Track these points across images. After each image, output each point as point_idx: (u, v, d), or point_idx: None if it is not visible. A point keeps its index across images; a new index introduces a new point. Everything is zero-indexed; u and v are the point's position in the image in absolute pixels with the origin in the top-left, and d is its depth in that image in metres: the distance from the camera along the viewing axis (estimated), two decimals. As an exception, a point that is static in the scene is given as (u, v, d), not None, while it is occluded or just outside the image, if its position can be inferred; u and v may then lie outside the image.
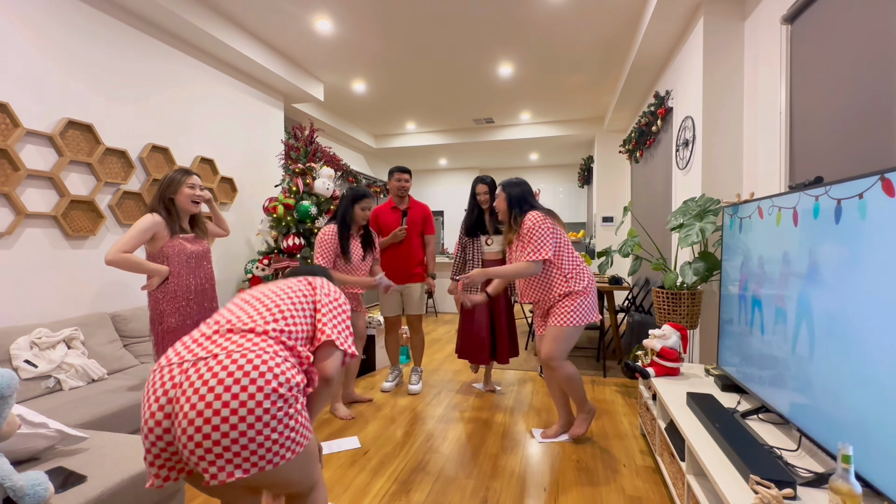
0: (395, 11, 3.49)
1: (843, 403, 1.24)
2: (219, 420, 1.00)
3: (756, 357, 1.79)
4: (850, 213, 1.22)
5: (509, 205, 2.36)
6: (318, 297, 1.37)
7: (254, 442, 1.02)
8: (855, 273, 1.19)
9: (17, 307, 2.40)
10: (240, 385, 1.03)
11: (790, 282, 1.52)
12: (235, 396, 1.02)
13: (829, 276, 1.30)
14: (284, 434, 1.07)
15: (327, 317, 1.32)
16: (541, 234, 2.20)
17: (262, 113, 4.37)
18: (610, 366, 4.01)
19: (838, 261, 1.26)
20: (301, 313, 1.29)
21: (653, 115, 4.02)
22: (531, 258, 2.20)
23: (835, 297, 1.27)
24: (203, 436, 1.00)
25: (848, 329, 1.22)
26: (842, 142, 1.83)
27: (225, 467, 1.01)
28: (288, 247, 3.48)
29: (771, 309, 1.66)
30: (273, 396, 1.05)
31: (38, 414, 1.48)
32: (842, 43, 1.85)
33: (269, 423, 1.04)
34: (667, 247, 3.58)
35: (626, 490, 2.05)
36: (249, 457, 1.03)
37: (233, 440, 1.01)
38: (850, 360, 1.21)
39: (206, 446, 1.00)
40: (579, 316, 2.29)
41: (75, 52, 2.69)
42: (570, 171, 9.42)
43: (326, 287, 1.42)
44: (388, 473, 2.21)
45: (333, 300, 1.39)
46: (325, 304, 1.35)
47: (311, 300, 1.35)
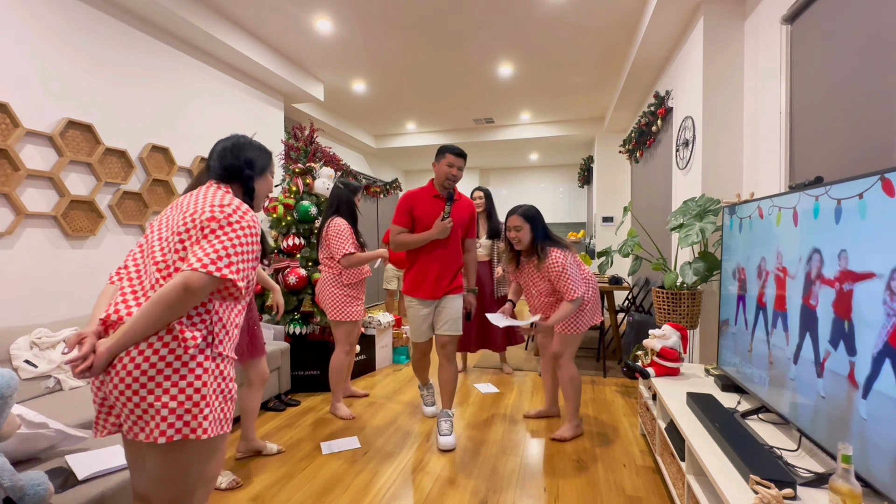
0: (396, 11, 3.49)
1: (843, 403, 1.24)
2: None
3: (756, 357, 1.79)
4: (850, 214, 1.22)
5: (535, 238, 2.47)
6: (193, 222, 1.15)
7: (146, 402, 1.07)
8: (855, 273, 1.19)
9: (17, 307, 2.40)
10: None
11: (790, 282, 1.52)
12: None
13: (829, 276, 1.30)
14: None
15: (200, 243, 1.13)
16: (569, 275, 2.39)
17: (262, 113, 4.37)
18: (610, 366, 4.01)
19: (838, 261, 1.26)
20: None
21: (653, 115, 4.02)
22: (572, 297, 2.39)
23: (835, 297, 1.27)
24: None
25: (848, 329, 1.21)
26: (842, 142, 1.83)
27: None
28: (288, 247, 3.48)
29: (771, 309, 1.66)
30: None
31: (38, 414, 1.48)
32: (842, 43, 1.85)
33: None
34: (667, 247, 3.58)
35: (626, 490, 2.05)
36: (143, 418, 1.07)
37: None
38: (850, 359, 1.21)
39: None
40: (584, 322, 2.51)
41: (75, 52, 2.69)
42: (570, 171, 9.42)
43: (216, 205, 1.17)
44: (388, 474, 2.21)
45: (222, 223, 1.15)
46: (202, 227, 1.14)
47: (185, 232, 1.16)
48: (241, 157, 1.33)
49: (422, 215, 2.45)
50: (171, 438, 1.05)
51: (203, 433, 1.08)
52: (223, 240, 1.12)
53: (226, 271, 1.09)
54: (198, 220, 1.15)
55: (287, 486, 2.09)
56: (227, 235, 1.13)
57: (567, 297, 2.39)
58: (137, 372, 1.04)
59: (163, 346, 1.05)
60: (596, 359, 4.20)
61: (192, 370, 1.07)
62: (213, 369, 1.12)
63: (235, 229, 1.15)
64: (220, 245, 1.11)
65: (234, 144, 1.35)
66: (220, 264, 1.09)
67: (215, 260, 1.08)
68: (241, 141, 1.37)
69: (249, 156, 1.35)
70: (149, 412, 1.05)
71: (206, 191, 1.25)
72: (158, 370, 1.05)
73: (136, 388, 1.05)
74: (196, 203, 1.19)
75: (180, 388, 1.06)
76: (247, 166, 1.33)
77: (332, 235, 2.80)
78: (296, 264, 3.43)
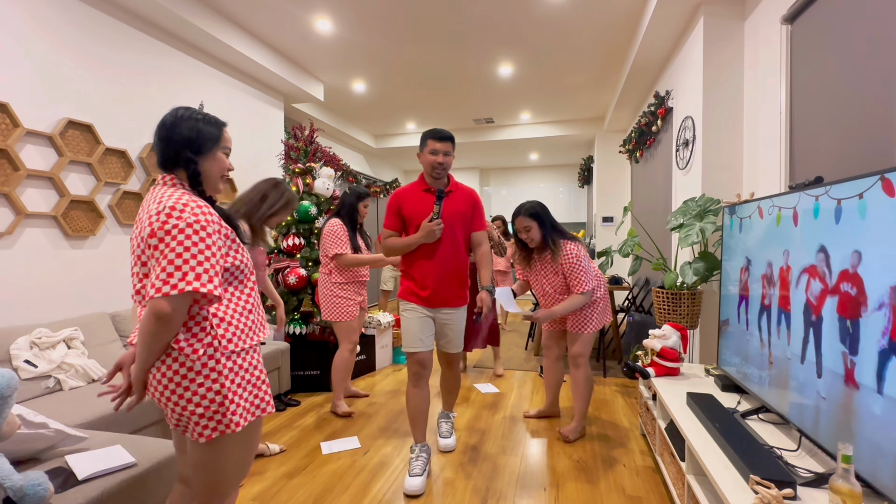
0: (396, 11, 3.49)
1: (843, 403, 1.24)
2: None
3: (756, 357, 1.79)
4: (850, 213, 1.22)
5: (545, 233, 2.47)
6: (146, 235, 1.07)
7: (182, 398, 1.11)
8: (855, 273, 1.19)
9: (17, 307, 2.40)
10: None
11: (790, 282, 1.52)
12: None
13: (829, 275, 1.30)
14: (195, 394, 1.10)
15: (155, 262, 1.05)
16: (582, 267, 2.40)
17: (262, 113, 4.37)
18: (610, 366, 4.01)
19: (838, 261, 1.26)
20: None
21: (653, 115, 4.02)
22: (582, 290, 2.39)
23: (835, 296, 1.27)
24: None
25: (849, 329, 1.21)
26: (842, 142, 1.83)
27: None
28: (288, 247, 3.48)
29: (771, 309, 1.66)
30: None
31: (38, 414, 1.48)
32: (842, 43, 1.85)
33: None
34: (667, 247, 3.58)
35: (626, 490, 2.05)
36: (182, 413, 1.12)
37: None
38: (852, 359, 1.21)
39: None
40: (598, 321, 2.53)
41: (76, 52, 2.68)
42: (570, 171, 9.42)
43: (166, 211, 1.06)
44: (388, 474, 2.21)
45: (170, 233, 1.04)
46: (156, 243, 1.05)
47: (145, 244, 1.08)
48: (176, 137, 1.15)
49: (412, 214, 2.13)
50: (210, 437, 1.11)
51: (236, 426, 1.12)
52: (167, 253, 1.03)
53: (182, 285, 1.01)
54: (145, 238, 1.08)
55: (287, 486, 2.09)
56: (169, 247, 1.03)
57: (577, 289, 2.39)
58: (161, 387, 1.10)
59: (172, 360, 1.09)
60: (596, 359, 4.20)
61: (206, 377, 1.10)
62: (231, 367, 1.13)
63: (176, 236, 1.03)
64: (165, 262, 1.03)
65: (164, 123, 1.16)
66: (174, 280, 1.01)
67: (166, 279, 1.01)
68: (176, 116, 1.17)
69: (186, 133, 1.15)
70: (184, 416, 1.11)
71: (149, 195, 1.14)
72: (176, 383, 1.09)
73: (165, 402, 1.11)
74: (141, 216, 1.11)
75: (201, 395, 1.09)
76: (186, 146, 1.15)
77: (325, 235, 2.86)
78: (296, 264, 3.43)
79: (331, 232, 2.83)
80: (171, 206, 1.05)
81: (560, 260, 2.42)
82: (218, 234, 1.10)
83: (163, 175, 1.16)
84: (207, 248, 1.06)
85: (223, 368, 1.11)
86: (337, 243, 2.81)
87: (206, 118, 1.20)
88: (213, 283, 1.06)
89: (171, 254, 1.03)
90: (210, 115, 1.22)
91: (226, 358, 1.12)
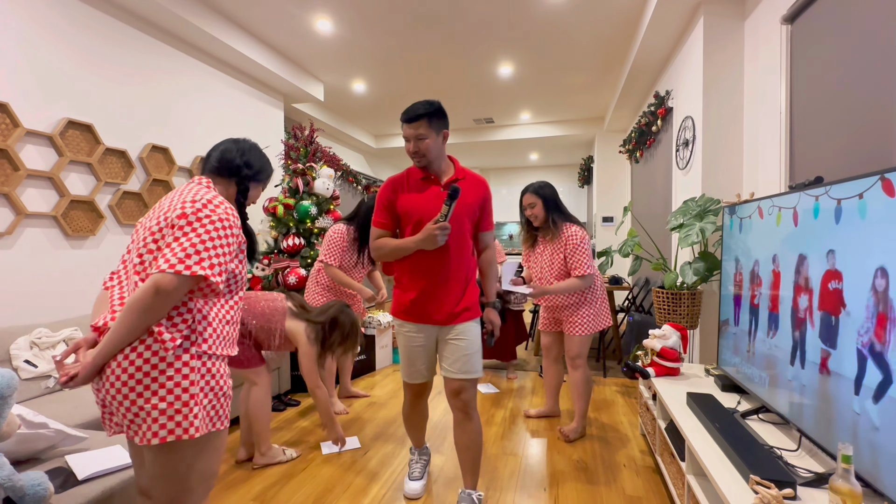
0: (396, 11, 3.49)
1: (843, 403, 1.24)
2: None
3: (756, 357, 1.79)
4: (850, 213, 1.22)
5: (547, 211, 2.47)
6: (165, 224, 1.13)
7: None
8: (855, 273, 1.19)
9: (17, 307, 2.40)
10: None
11: (790, 282, 1.52)
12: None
13: (829, 276, 1.30)
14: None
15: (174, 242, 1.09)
16: (585, 250, 2.37)
17: (262, 113, 4.37)
18: (610, 366, 4.01)
19: (838, 261, 1.26)
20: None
21: (653, 115, 4.02)
22: (583, 273, 2.36)
23: (835, 297, 1.27)
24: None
25: (847, 329, 1.21)
26: (842, 142, 1.83)
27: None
28: (288, 247, 3.48)
29: (771, 309, 1.66)
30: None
31: (38, 414, 1.48)
32: (842, 43, 1.85)
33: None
34: (667, 247, 3.58)
35: (626, 490, 2.05)
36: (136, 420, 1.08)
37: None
38: (850, 359, 1.20)
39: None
40: (594, 323, 2.50)
41: (76, 52, 2.68)
42: (570, 171, 9.42)
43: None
44: (388, 474, 2.21)
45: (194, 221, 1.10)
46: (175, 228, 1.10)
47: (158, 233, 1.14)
48: (245, 158, 1.32)
49: (409, 208, 1.71)
50: (165, 440, 1.06)
51: (195, 432, 1.08)
52: (192, 237, 1.07)
53: (196, 268, 1.04)
54: (170, 217, 1.12)
55: (287, 485, 2.09)
56: (195, 232, 1.08)
57: (577, 271, 2.37)
58: (125, 376, 1.05)
59: (145, 348, 1.05)
60: (596, 359, 4.20)
61: (178, 370, 1.07)
62: (199, 368, 1.10)
63: (205, 224, 1.10)
64: (188, 243, 1.06)
65: (244, 145, 1.34)
66: (190, 262, 1.04)
67: (183, 258, 1.04)
68: (251, 144, 1.37)
69: (252, 159, 1.34)
70: (140, 415, 1.06)
71: (184, 187, 1.21)
72: (144, 373, 1.05)
73: (126, 393, 1.05)
74: (172, 201, 1.17)
75: (168, 388, 1.06)
76: (246, 166, 1.32)
77: (325, 237, 2.84)
78: (296, 264, 3.43)
79: (330, 237, 2.80)
80: (209, 200, 1.15)
81: (563, 239, 2.42)
82: (235, 238, 1.17)
83: (201, 177, 1.26)
84: (227, 245, 1.13)
85: (195, 366, 1.09)
86: (329, 251, 2.77)
87: (268, 160, 1.41)
88: (221, 276, 1.10)
89: (195, 237, 1.08)
90: (269, 159, 1.42)
91: (198, 357, 1.11)
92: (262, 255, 3.70)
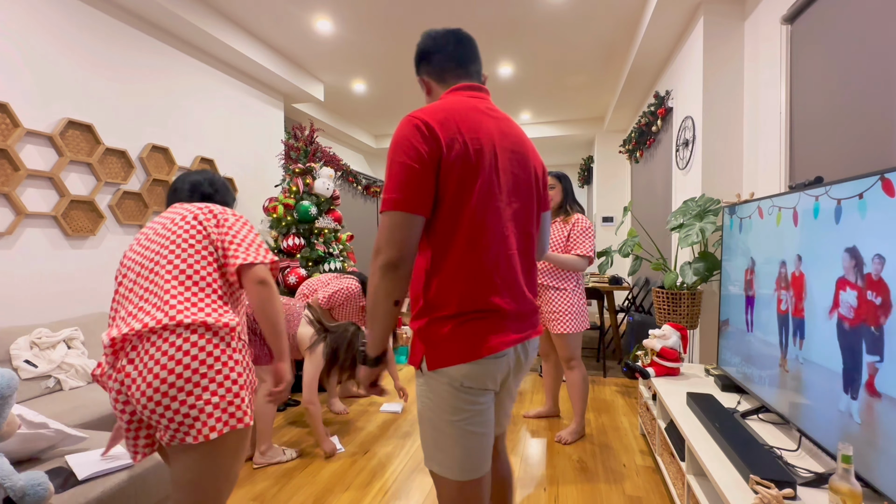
0: (396, 11, 3.49)
1: (843, 403, 1.24)
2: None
3: (756, 357, 1.79)
4: (850, 213, 1.22)
5: (565, 196, 2.59)
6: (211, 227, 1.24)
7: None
8: (855, 273, 1.19)
9: (17, 307, 2.40)
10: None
11: (790, 282, 1.52)
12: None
13: (829, 276, 1.30)
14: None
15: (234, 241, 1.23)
16: (590, 236, 2.48)
17: (262, 113, 4.37)
18: (610, 366, 4.01)
19: (838, 261, 1.26)
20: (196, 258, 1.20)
21: (653, 115, 4.02)
22: (585, 254, 2.45)
23: (835, 296, 1.27)
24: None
25: (847, 329, 1.21)
26: (842, 142, 1.83)
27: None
28: (288, 247, 3.48)
29: (771, 309, 1.66)
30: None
31: (38, 414, 1.48)
32: (842, 43, 1.85)
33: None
34: (667, 247, 3.58)
35: (626, 490, 2.05)
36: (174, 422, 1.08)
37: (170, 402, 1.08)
38: (850, 359, 1.20)
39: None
40: (573, 323, 2.49)
41: (76, 52, 2.68)
42: (570, 171, 9.41)
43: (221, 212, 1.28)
44: (388, 474, 2.21)
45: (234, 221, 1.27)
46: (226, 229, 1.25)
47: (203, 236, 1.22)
48: (213, 187, 1.43)
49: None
50: (222, 432, 1.06)
51: (249, 420, 1.11)
52: (242, 232, 1.23)
53: (270, 256, 1.22)
54: (201, 218, 1.22)
55: (287, 486, 2.09)
56: (241, 232, 1.23)
57: (579, 250, 2.45)
58: (173, 377, 1.03)
59: (199, 337, 1.07)
60: (596, 359, 4.20)
61: (228, 362, 1.10)
62: (243, 360, 1.15)
63: (243, 225, 1.26)
64: (248, 241, 1.22)
65: (212, 179, 1.43)
66: (261, 252, 1.22)
67: (256, 250, 1.21)
68: (218, 178, 1.47)
69: (223, 193, 1.45)
70: (191, 414, 1.04)
71: (174, 212, 1.27)
72: (193, 370, 1.05)
73: (171, 400, 1.03)
74: (179, 213, 1.24)
75: (218, 382, 1.07)
76: (217, 194, 1.43)
77: (338, 294, 2.87)
78: (296, 264, 3.43)
79: (341, 295, 2.84)
80: (228, 209, 1.31)
81: (570, 222, 2.51)
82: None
83: (178, 203, 1.35)
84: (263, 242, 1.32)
85: (239, 358, 1.13)
86: (344, 310, 2.88)
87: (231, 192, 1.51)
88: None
89: (249, 234, 1.24)
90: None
91: (240, 350, 1.15)
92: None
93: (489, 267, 1.03)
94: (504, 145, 1.09)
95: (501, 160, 1.08)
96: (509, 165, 1.10)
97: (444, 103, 1.07)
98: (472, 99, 1.12)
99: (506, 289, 1.05)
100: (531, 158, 1.16)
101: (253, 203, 4.22)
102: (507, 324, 1.06)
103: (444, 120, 1.02)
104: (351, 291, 2.86)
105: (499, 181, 1.06)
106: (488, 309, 1.03)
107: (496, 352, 1.02)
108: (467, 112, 1.06)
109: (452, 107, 1.06)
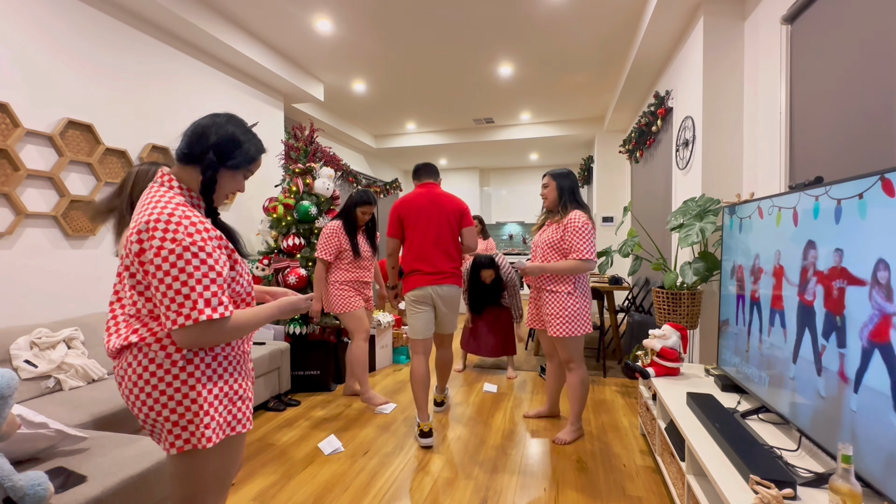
0: (396, 11, 3.48)
1: (843, 403, 1.24)
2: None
3: (756, 357, 1.79)
4: (850, 213, 1.22)
5: (560, 195, 2.51)
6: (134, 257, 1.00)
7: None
8: (855, 273, 1.19)
9: (17, 307, 2.40)
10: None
11: (790, 282, 1.52)
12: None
13: (829, 275, 1.30)
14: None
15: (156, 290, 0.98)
16: (589, 236, 2.39)
17: (262, 113, 4.37)
18: (610, 366, 4.01)
19: (838, 261, 1.26)
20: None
21: (653, 115, 4.02)
22: (583, 257, 2.36)
23: (835, 296, 1.27)
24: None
25: (847, 329, 1.21)
26: (842, 142, 1.83)
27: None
28: (288, 247, 3.48)
29: (770, 308, 1.66)
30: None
31: (38, 414, 1.48)
32: (842, 43, 1.85)
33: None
34: (667, 247, 3.58)
35: (626, 490, 2.05)
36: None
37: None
38: (852, 358, 1.20)
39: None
40: (574, 325, 2.43)
41: (75, 52, 2.68)
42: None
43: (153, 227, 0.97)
44: (388, 474, 2.21)
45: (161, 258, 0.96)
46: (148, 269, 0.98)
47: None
48: (214, 137, 1.06)
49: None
50: (182, 449, 1.04)
51: (207, 442, 1.04)
52: (167, 280, 0.96)
53: (195, 314, 0.96)
54: (131, 246, 0.99)
55: (287, 486, 2.09)
56: (170, 274, 0.96)
57: (576, 254, 2.36)
58: (130, 384, 1.04)
59: (144, 356, 1.03)
60: (596, 359, 4.20)
61: (176, 376, 1.03)
62: (208, 374, 1.06)
63: (167, 258, 0.95)
64: (172, 292, 0.96)
65: (214, 119, 1.09)
66: (185, 311, 0.96)
67: (178, 311, 0.96)
68: (229, 119, 1.10)
69: (225, 137, 1.07)
70: (157, 423, 1.06)
71: (144, 195, 1.06)
72: (145, 381, 1.02)
73: (133, 401, 1.05)
74: (135, 217, 1.02)
75: (168, 395, 1.02)
76: (216, 149, 1.06)
77: (319, 236, 3.11)
78: (296, 264, 3.43)
79: (322, 234, 3.02)
80: (156, 220, 0.97)
81: (566, 221, 2.42)
82: (220, 251, 1.04)
83: (162, 173, 1.07)
84: (202, 264, 0.98)
85: (200, 373, 1.05)
86: (322, 247, 2.99)
87: (251, 137, 1.12)
88: (223, 304, 1.01)
89: (170, 281, 0.96)
90: (257, 137, 1.15)
91: (207, 364, 1.06)
92: (261, 255, 3.71)
93: (418, 254, 2.57)
94: (428, 205, 2.59)
95: (429, 213, 2.58)
96: (432, 214, 2.58)
97: (408, 195, 2.65)
98: (422, 188, 2.67)
99: (425, 261, 2.55)
100: (447, 206, 2.61)
101: (253, 203, 4.22)
102: (425, 277, 2.55)
103: (403, 202, 2.63)
104: (331, 228, 3.01)
105: (426, 222, 2.58)
106: (417, 269, 2.57)
107: (419, 287, 2.55)
108: (415, 197, 2.62)
109: (410, 196, 2.64)
